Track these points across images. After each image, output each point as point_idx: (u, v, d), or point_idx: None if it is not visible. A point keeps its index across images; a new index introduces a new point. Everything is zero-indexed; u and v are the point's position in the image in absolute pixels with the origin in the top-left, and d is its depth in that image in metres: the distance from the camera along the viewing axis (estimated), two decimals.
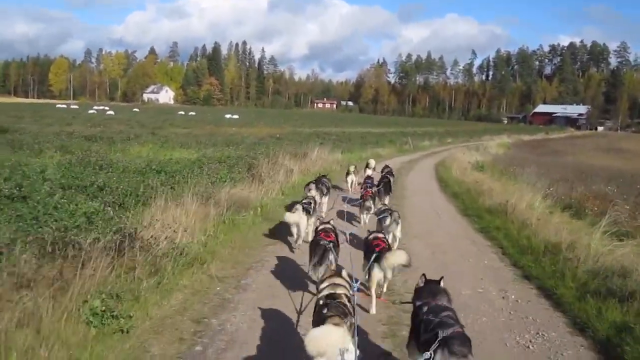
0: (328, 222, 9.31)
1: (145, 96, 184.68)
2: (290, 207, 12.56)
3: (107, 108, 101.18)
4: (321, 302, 5.39)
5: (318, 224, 9.63)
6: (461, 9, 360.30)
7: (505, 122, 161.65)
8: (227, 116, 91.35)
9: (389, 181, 17.24)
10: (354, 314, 5.31)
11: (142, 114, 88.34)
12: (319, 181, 15.07)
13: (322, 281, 6.09)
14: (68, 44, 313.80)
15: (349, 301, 5.47)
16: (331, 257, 8.09)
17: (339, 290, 5.59)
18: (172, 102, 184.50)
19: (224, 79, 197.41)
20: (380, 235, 8.76)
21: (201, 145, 28.88)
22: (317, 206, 12.86)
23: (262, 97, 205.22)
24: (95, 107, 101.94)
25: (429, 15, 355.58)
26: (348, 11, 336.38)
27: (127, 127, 47.36)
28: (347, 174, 19.36)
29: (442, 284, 5.62)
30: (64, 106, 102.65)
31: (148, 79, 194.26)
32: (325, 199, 15.13)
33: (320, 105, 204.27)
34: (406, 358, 5.63)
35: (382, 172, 19.19)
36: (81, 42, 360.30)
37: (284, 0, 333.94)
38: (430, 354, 4.44)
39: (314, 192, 13.55)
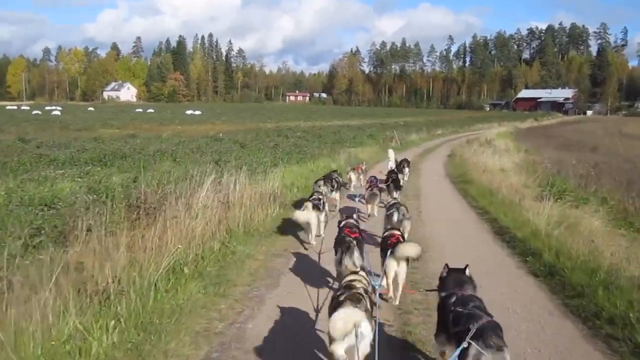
0: (351, 217, 9.01)
1: (106, 94, 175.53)
2: (299, 205, 11.81)
3: (58, 107, 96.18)
4: (338, 292, 5.44)
5: (342, 217, 9.09)
6: None
7: (488, 109, 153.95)
8: (189, 112, 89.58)
9: (397, 177, 16.51)
10: (373, 306, 5.42)
11: (93, 112, 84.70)
12: (328, 177, 14.66)
13: (343, 279, 6.06)
14: (39, 44, 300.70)
15: (367, 294, 5.41)
16: (356, 253, 7.69)
17: (357, 284, 5.57)
18: (134, 99, 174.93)
19: (189, 74, 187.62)
20: (397, 232, 8.63)
21: (40, 162, 17.78)
22: (326, 201, 12.71)
23: (231, 92, 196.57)
24: (47, 107, 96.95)
25: (403, 6, 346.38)
26: (323, 4, 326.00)
27: (39, 129, 38.02)
28: (347, 172, 18.40)
29: (467, 272, 5.57)
30: (15, 107, 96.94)
31: (109, 76, 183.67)
32: (336, 195, 14.74)
33: (292, 98, 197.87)
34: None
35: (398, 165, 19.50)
36: (53, 43, 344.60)
37: None
38: (467, 343, 4.32)
39: (323, 188, 13.33)
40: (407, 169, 19.90)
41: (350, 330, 4.55)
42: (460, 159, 26.43)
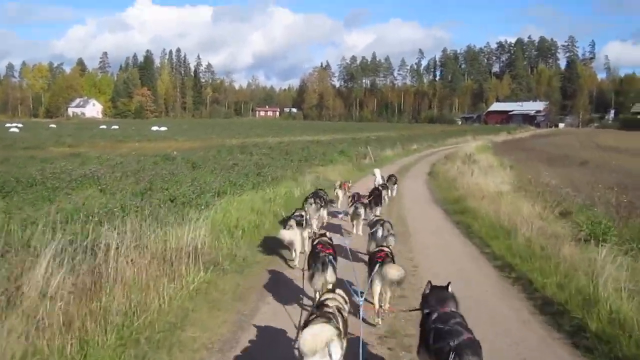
0: (324, 234, 8.94)
1: (70, 110, 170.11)
2: (284, 223, 11.35)
3: (18, 125, 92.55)
4: (311, 311, 5.46)
5: (314, 236, 9.07)
6: (405, 14, 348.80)
7: (460, 122, 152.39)
8: (154, 128, 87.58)
9: (380, 193, 16.20)
10: (345, 324, 5.28)
11: (55, 129, 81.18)
12: (316, 194, 14.47)
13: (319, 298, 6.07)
14: (4, 61, 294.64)
15: (341, 313, 5.35)
16: (330, 269, 7.76)
17: (330, 302, 5.52)
18: (100, 115, 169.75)
19: (157, 90, 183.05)
20: (386, 249, 8.39)
21: None
22: (310, 219, 12.56)
23: (200, 107, 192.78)
24: (7, 124, 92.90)
25: (373, 21, 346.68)
26: (293, 19, 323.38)
27: None
28: (335, 188, 18.15)
29: (450, 289, 5.49)
30: None
31: (73, 92, 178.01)
32: (323, 212, 14.60)
33: (262, 113, 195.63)
34: None
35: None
36: (19, 59, 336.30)
37: (228, 10, 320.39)
38: None
39: (313, 206, 13.34)
40: (395, 186, 19.98)
41: (320, 347, 4.41)
42: (444, 178, 23.52)
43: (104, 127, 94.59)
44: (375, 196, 15.49)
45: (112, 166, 20.92)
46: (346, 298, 5.87)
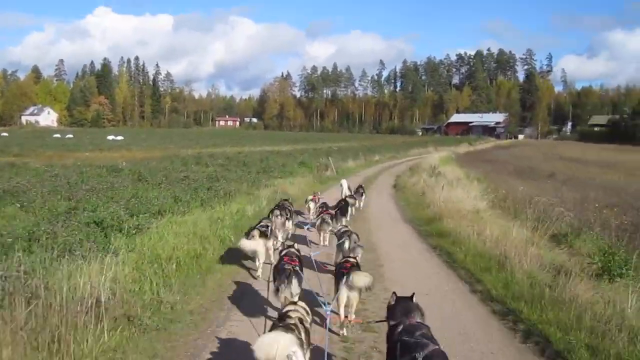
0: (292, 246, 8.83)
1: (24, 118, 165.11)
2: (247, 234, 10.50)
3: None
4: (273, 324, 5.37)
5: (282, 247, 9.17)
6: (366, 26, 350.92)
7: (420, 133, 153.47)
8: (110, 138, 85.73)
9: (347, 204, 16.32)
10: (307, 335, 5.20)
11: (6, 138, 77.63)
12: (281, 206, 14.02)
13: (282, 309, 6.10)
14: None
15: (303, 325, 5.28)
16: (295, 281, 7.50)
17: (292, 314, 5.48)
18: (55, 124, 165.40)
19: (114, 98, 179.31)
20: (352, 260, 8.41)
21: None
22: (275, 229, 12.36)
23: (159, 117, 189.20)
24: None
25: (335, 32, 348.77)
26: (255, 29, 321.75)
27: None
28: (306, 201, 17.97)
29: (414, 300, 5.54)
30: None
31: (27, 100, 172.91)
32: (289, 223, 14.18)
33: (222, 122, 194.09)
34: None
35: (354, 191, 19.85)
36: None
37: (189, 20, 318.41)
38: None
39: (280, 218, 12.97)
40: (362, 197, 20.10)
41: (278, 355, 4.28)
42: (412, 192, 22.19)
43: (58, 135, 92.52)
44: (342, 207, 15.57)
45: (46, 179, 18.84)
46: (308, 310, 5.88)
